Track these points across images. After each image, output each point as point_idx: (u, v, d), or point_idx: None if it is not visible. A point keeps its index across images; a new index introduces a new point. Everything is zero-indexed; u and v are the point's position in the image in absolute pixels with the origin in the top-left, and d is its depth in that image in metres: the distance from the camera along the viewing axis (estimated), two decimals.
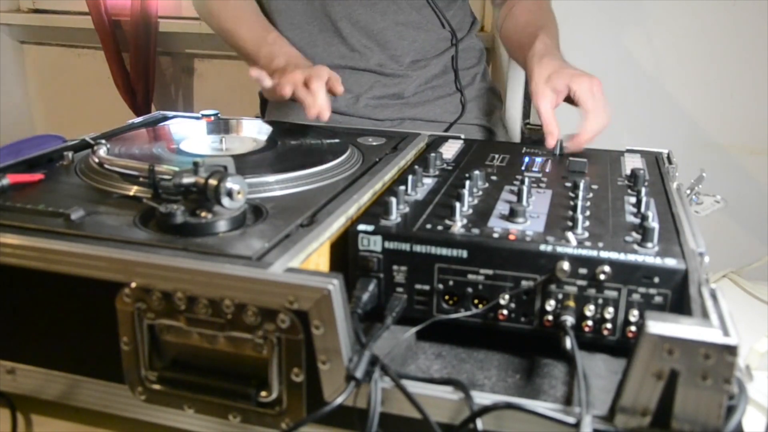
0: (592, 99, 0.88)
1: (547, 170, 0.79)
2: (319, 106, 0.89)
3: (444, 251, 0.58)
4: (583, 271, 0.55)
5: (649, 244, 0.56)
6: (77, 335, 0.56)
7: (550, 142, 0.87)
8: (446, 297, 0.59)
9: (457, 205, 0.61)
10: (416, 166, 0.74)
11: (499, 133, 1.25)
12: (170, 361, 0.54)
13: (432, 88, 1.18)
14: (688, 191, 0.83)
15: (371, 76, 1.15)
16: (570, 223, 0.60)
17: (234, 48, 1.11)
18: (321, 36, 1.14)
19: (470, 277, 0.58)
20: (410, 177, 0.69)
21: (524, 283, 0.56)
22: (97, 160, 0.72)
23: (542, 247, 0.56)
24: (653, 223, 0.57)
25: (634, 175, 0.74)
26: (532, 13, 1.13)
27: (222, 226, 0.58)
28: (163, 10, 2.08)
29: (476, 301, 0.58)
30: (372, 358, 0.49)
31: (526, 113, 1.59)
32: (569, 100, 0.92)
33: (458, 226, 0.59)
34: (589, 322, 0.56)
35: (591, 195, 0.69)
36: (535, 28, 1.06)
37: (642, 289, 0.54)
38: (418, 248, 0.58)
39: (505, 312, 0.58)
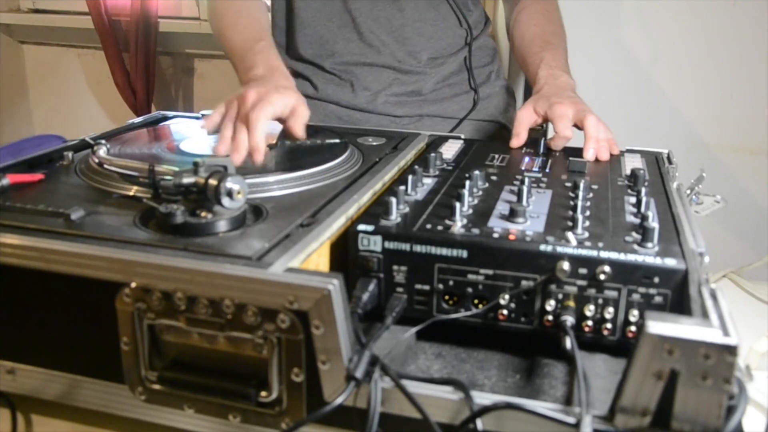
0: (561, 121, 0.90)
1: (547, 170, 0.79)
2: (237, 147, 0.76)
3: (444, 251, 0.58)
4: (583, 271, 0.55)
5: (649, 244, 0.56)
6: (77, 335, 0.56)
7: (513, 142, 0.91)
8: (446, 297, 0.59)
9: (457, 205, 0.61)
10: (416, 166, 0.74)
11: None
12: (170, 361, 0.54)
13: (449, 85, 1.19)
14: (688, 191, 0.83)
15: (390, 73, 1.16)
16: (570, 223, 0.60)
17: (227, 55, 1.09)
18: (340, 32, 1.15)
19: (470, 277, 0.58)
20: (410, 177, 0.69)
21: (524, 283, 0.56)
22: (97, 160, 0.72)
23: (542, 247, 0.56)
24: (653, 223, 0.57)
25: (634, 175, 0.74)
26: (538, 26, 1.14)
27: (222, 226, 0.58)
28: (163, 10, 2.08)
29: (476, 301, 0.58)
30: (372, 358, 0.49)
31: None
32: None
33: (458, 226, 0.59)
34: (589, 322, 0.56)
35: (591, 195, 0.69)
36: (540, 48, 1.08)
37: (642, 289, 0.54)
38: (418, 248, 0.58)
39: (505, 312, 0.58)
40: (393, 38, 1.15)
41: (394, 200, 0.62)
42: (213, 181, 0.57)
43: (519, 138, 0.91)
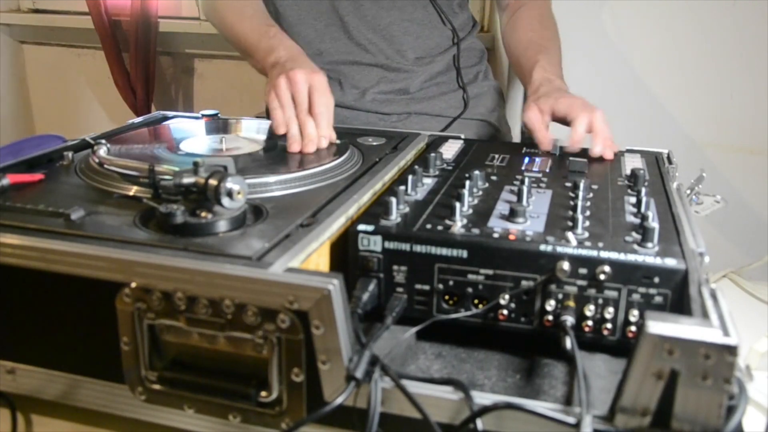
0: (577, 109, 0.90)
1: (547, 170, 0.79)
2: (314, 139, 0.84)
3: (444, 251, 0.58)
4: (583, 271, 0.55)
5: (649, 244, 0.56)
6: (77, 335, 0.56)
7: (544, 146, 0.89)
8: (446, 297, 0.59)
9: (457, 205, 0.61)
10: (416, 166, 0.74)
11: (502, 130, 1.27)
12: (170, 361, 0.54)
13: (436, 84, 1.20)
14: (688, 191, 0.83)
15: (378, 71, 1.17)
16: (570, 223, 0.60)
17: (235, 44, 1.11)
18: (328, 31, 1.16)
19: (470, 277, 0.58)
20: (410, 177, 0.69)
21: (524, 283, 0.56)
22: (97, 160, 0.72)
23: (542, 247, 0.56)
24: (653, 223, 0.57)
25: (634, 175, 0.74)
26: (534, 32, 1.15)
27: (222, 226, 0.58)
28: (163, 10, 2.07)
29: (476, 301, 0.58)
30: (372, 358, 0.49)
31: None
32: (564, 122, 0.94)
33: (458, 226, 0.59)
34: (589, 322, 0.56)
35: (591, 195, 0.69)
36: (536, 52, 1.08)
37: (642, 289, 0.54)
38: (418, 248, 0.58)
39: (505, 312, 0.58)
40: (380, 37, 1.16)
41: (394, 200, 0.62)
42: (213, 181, 0.57)
43: (547, 140, 0.89)
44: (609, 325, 0.56)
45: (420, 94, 1.19)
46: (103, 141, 0.75)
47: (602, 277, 0.54)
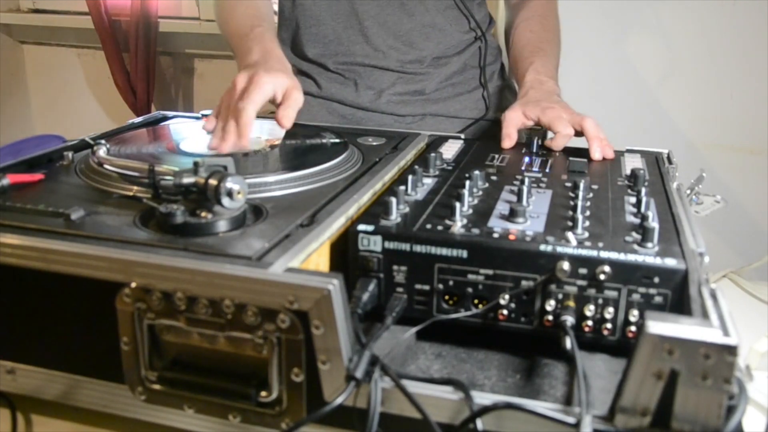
0: (561, 124, 0.90)
1: (547, 170, 0.79)
2: (231, 138, 0.78)
3: (444, 251, 0.58)
4: (583, 271, 0.55)
5: (649, 244, 0.56)
6: (77, 335, 0.56)
7: (506, 143, 0.91)
8: (446, 297, 0.59)
9: (457, 205, 0.61)
10: (416, 166, 0.74)
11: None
12: (170, 361, 0.54)
13: (452, 84, 1.20)
14: (688, 191, 0.83)
15: (393, 74, 1.16)
16: (570, 223, 0.60)
17: (228, 44, 1.10)
18: (346, 33, 1.15)
19: (470, 277, 0.58)
20: (410, 177, 0.69)
21: (524, 283, 0.56)
22: (97, 160, 0.72)
23: (542, 247, 0.56)
24: (653, 223, 0.57)
25: (634, 175, 0.74)
26: (533, 33, 1.15)
27: (222, 226, 0.58)
28: (163, 10, 2.08)
29: (476, 301, 0.58)
30: (372, 358, 0.49)
31: None
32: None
33: (458, 226, 0.59)
34: (589, 322, 0.56)
35: (591, 195, 0.69)
36: (531, 53, 1.09)
37: (642, 289, 0.54)
38: (418, 248, 0.58)
39: (505, 312, 0.58)
40: (400, 42, 1.15)
41: (394, 200, 0.62)
42: (213, 181, 0.57)
43: (511, 138, 0.91)
44: (609, 325, 0.56)
45: (436, 95, 1.18)
46: (103, 141, 0.75)
47: (602, 277, 0.54)
